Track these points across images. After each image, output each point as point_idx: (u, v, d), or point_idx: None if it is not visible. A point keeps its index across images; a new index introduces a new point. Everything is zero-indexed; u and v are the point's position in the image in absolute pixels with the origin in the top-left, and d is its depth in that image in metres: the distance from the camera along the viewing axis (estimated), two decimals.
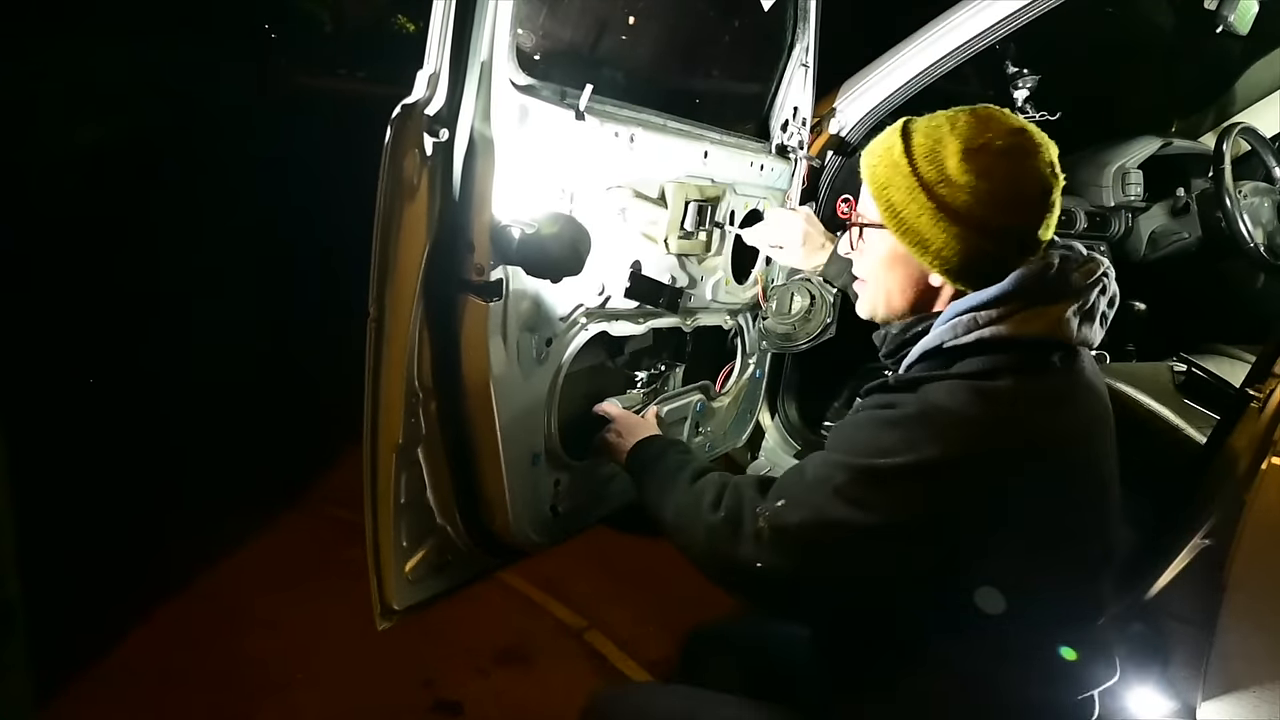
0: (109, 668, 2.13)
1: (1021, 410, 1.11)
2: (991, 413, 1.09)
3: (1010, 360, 1.12)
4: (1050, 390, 1.14)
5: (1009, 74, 2.62)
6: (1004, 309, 1.13)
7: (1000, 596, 1.11)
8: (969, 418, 1.09)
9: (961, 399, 1.09)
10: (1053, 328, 1.13)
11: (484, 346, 1.35)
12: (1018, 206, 1.14)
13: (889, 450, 1.09)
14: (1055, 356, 1.15)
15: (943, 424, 1.09)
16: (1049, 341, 1.14)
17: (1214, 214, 2.75)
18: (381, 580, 1.41)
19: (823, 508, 1.11)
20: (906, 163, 1.16)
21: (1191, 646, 1.69)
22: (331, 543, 2.62)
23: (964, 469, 1.08)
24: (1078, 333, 1.15)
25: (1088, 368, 1.21)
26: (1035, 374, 1.13)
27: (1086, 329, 1.17)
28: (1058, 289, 1.15)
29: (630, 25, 1.78)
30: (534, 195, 1.38)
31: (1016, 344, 1.13)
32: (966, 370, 1.13)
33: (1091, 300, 1.18)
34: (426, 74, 1.21)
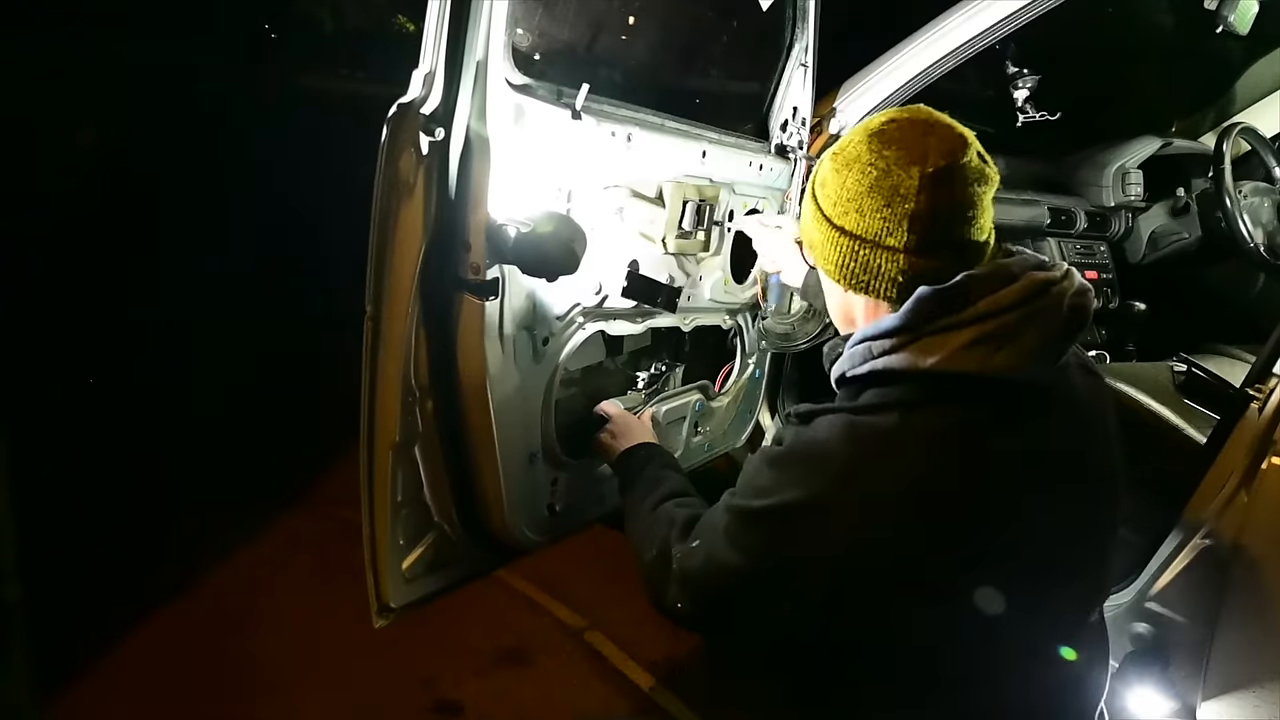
0: (109, 668, 2.14)
1: (903, 451, 1.01)
2: (861, 453, 1.02)
3: (906, 394, 1.03)
4: (952, 428, 1.02)
5: (1009, 74, 2.62)
6: (896, 339, 1.04)
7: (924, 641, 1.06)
8: (838, 458, 1.02)
9: (836, 436, 1.04)
10: (953, 359, 1.00)
11: (480, 345, 1.35)
12: (872, 202, 1.04)
13: (762, 490, 1.08)
14: (978, 389, 1.02)
15: (811, 464, 1.04)
16: (950, 376, 1.01)
17: (1214, 214, 2.75)
18: (378, 578, 1.41)
19: (713, 550, 1.14)
20: (817, 183, 1.14)
21: (1191, 646, 1.69)
22: (332, 542, 2.62)
23: (826, 512, 1.02)
24: (993, 360, 1.00)
25: (1033, 400, 1.05)
26: (937, 409, 1.02)
27: (1012, 356, 1.01)
28: (961, 310, 1.02)
29: (627, 24, 1.78)
30: (530, 194, 1.38)
31: (913, 376, 1.03)
32: (856, 405, 1.06)
33: (1013, 324, 1.01)
34: (422, 73, 1.21)
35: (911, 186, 1.02)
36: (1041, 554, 1.08)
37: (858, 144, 1.07)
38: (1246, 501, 1.57)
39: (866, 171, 1.04)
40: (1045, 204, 2.83)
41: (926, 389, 1.03)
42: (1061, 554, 1.11)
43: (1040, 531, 1.07)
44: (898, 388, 1.04)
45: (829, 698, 1.20)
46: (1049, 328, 1.04)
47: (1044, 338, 1.04)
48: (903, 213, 1.03)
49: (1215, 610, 1.61)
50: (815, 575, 1.06)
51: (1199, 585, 1.67)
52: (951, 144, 1.04)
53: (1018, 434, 1.05)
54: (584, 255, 1.39)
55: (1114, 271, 3.03)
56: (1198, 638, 1.67)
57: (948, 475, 1.01)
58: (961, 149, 1.04)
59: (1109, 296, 2.99)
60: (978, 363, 1.01)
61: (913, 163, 1.02)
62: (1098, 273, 2.98)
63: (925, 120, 1.07)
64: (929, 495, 1.01)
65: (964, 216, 1.04)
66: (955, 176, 1.03)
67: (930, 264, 1.04)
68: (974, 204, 1.05)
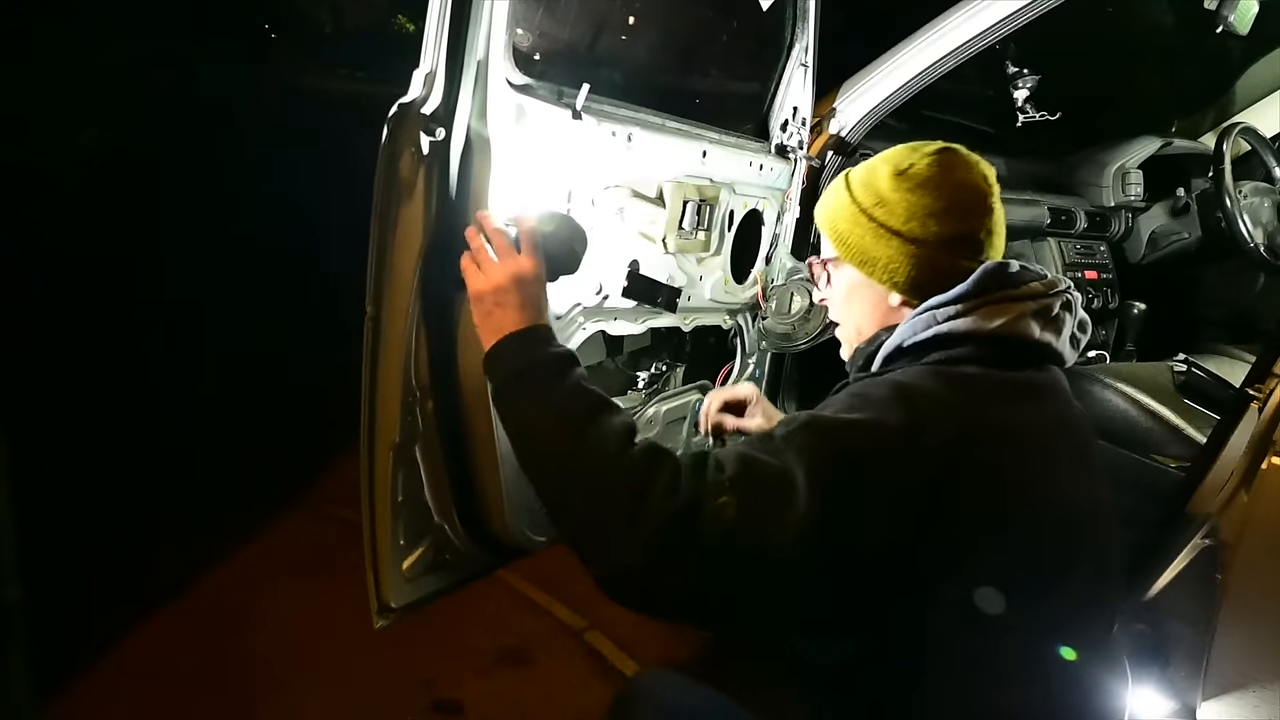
0: (109, 668, 2.13)
1: (987, 395, 1.10)
2: (959, 393, 1.08)
3: (972, 352, 1.13)
4: (1014, 383, 1.12)
5: (1009, 74, 2.62)
6: (962, 305, 1.15)
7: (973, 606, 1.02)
8: (939, 394, 1.07)
9: (930, 379, 1.09)
10: (1013, 324, 1.13)
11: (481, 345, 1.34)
12: (950, 214, 1.19)
13: (843, 409, 1.05)
14: (1022, 356, 1.15)
15: (913, 395, 1.05)
16: (1010, 339, 1.13)
17: (1214, 214, 2.75)
18: (379, 578, 1.41)
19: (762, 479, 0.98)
20: (848, 196, 1.26)
21: (1191, 646, 1.69)
22: (332, 542, 2.62)
23: (920, 431, 1.02)
24: (1040, 334, 1.15)
25: (1060, 383, 1.20)
26: (998, 367, 1.12)
27: (1050, 334, 1.16)
28: (1016, 287, 1.17)
29: (628, 24, 1.78)
30: (531, 194, 1.38)
31: (975, 338, 1.13)
32: (926, 359, 1.14)
33: (1054, 309, 1.18)
34: (423, 73, 1.21)
35: (985, 199, 1.21)
36: (1063, 526, 1.12)
37: (926, 166, 1.22)
38: (1246, 501, 1.57)
39: (943, 189, 1.20)
40: (1045, 204, 2.83)
41: (990, 350, 1.13)
42: (1079, 530, 1.15)
43: (1062, 504, 1.13)
44: (964, 348, 1.13)
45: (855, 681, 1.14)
46: (1074, 319, 1.21)
47: (1071, 327, 1.20)
48: (981, 222, 1.21)
49: (1215, 610, 1.61)
50: (883, 514, 0.98)
51: (1199, 585, 1.67)
52: (987, 168, 1.24)
53: (1063, 403, 1.19)
54: (584, 255, 1.39)
55: (1114, 271, 3.03)
56: (1198, 638, 1.67)
57: (1019, 421, 1.10)
58: (988, 167, 1.24)
59: (1109, 296, 2.99)
60: (1033, 332, 1.14)
61: (981, 182, 1.22)
62: (1098, 273, 2.97)
63: (962, 152, 1.25)
64: (1006, 436, 1.08)
65: (1004, 222, 1.25)
66: (998, 192, 1.24)
67: (982, 261, 1.20)
68: (999, 214, 1.24)
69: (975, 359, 1.12)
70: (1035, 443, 1.11)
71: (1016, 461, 1.08)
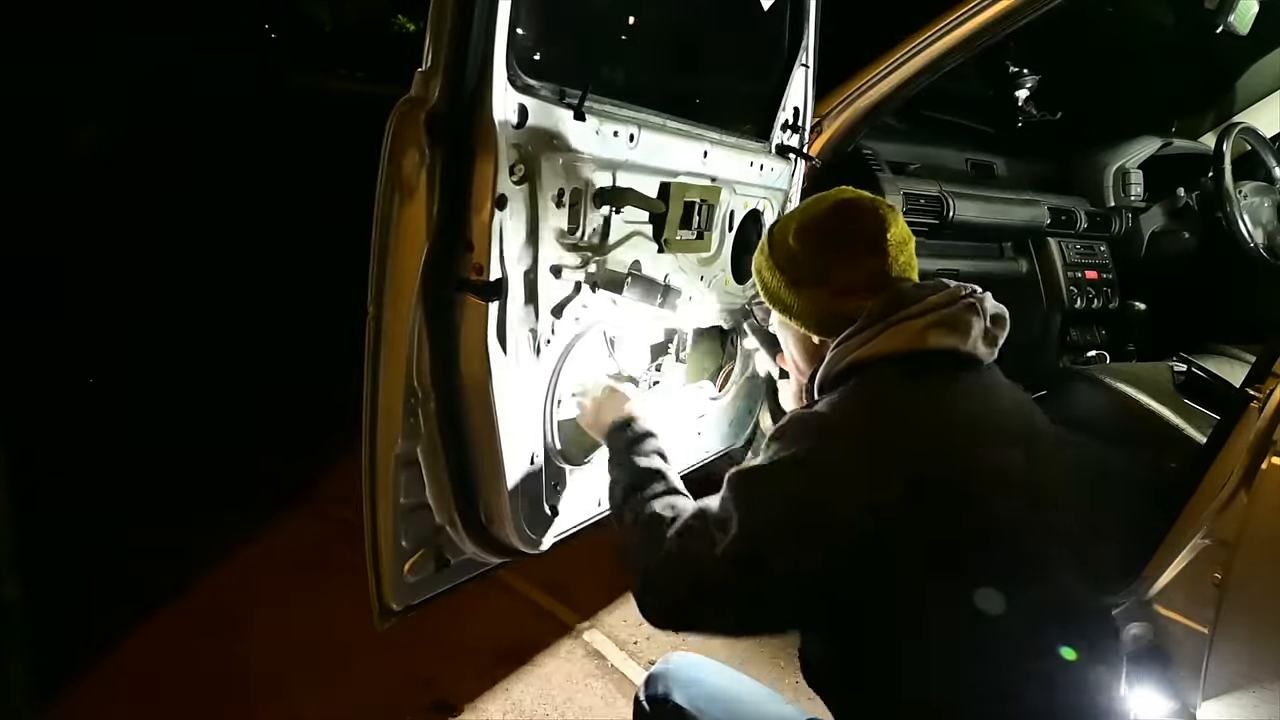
0: (109, 669, 2.13)
1: (901, 411, 1.19)
2: (868, 408, 1.20)
3: (888, 370, 1.24)
4: (925, 393, 1.22)
5: (1009, 74, 2.62)
6: (865, 334, 1.26)
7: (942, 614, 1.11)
8: (849, 413, 1.20)
9: (839, 406, 1.22)
10: (917, 339, 1.23)
11: (483, 346, 1.34)
12: (846, 259, 1.33)
13: (776, 450, 1.20)
14: (931, 364, 1.23)
15: (806, 428, 1.19)
16: (916, 353, 1.23)
17: (1214, 214, 2.75)
18: (380, 581, 1.41)
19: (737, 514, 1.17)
20: (768, 252, 1.41)
21: (1191, 646, 1.69)
22: (333, 543, 2.62)
23: (849, 452, 1.14)
24: (945, 341, 1.23)
25: (983, 380, 1.28)
26: (912, 379, 1.22)
27: (957, 339, 1.24)
28: (911, 306, 1.26)
29: (629, 25, 1.78)
30: (532, 194, 1.38)
31: (887, 359, 1.24)
32: (845, 387, 1.26)
33: (958, 316, 1.26)
34: (425, 73, 1.20)
35: (879, 241, 1.32)
36: (1025, 514, 1.19)
37: (823, 218, 1.36)
38: (1246, 501, 1.57)
39: (837, 238, 1.34)
40: (1045, 204, 2.83)
41: (898, 368, 1.23)
42: (1042, 518, 1.21)
43: (1021, 489, 1.19)
44: (878, 368, 1.24)
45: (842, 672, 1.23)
46: (983, 319, 1.28)
47: (982, 326, 1.27)
48: (876, 262, 1.32)
49: (1215, 610, 1.61)
50: (840, 523, 1.11)
51: (1199, 585, 1.67)
52: (885, 209, 1.35)
53: (978, 399, 1.26)
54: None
55: (1114, 271, 3.03)
56: (1198, 638, 1.67)
57: (938, 430, 1.18)
58: (886, 209, 1.35)
59: (1109, 296, 2.99)
60: (937, 341, 1.23)
61: (874, 225, 1.33)
62: (1098, 273, 2.98)
63: (859, 200, 1.37)
64: (927, 450, 1.15)
65: (911, 253, 1.36)
66: (897, 226, 1.34)
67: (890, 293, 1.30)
68: (909, 241, 1.35)
69: (889, 377, 1.23)
70: (956, 438, 1.19)
71: (938, 460, 1.15)
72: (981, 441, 1.19)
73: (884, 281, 1.31)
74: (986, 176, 2.86)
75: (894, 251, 1.32)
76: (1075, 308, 2.91)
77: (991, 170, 2.89)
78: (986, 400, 1.27)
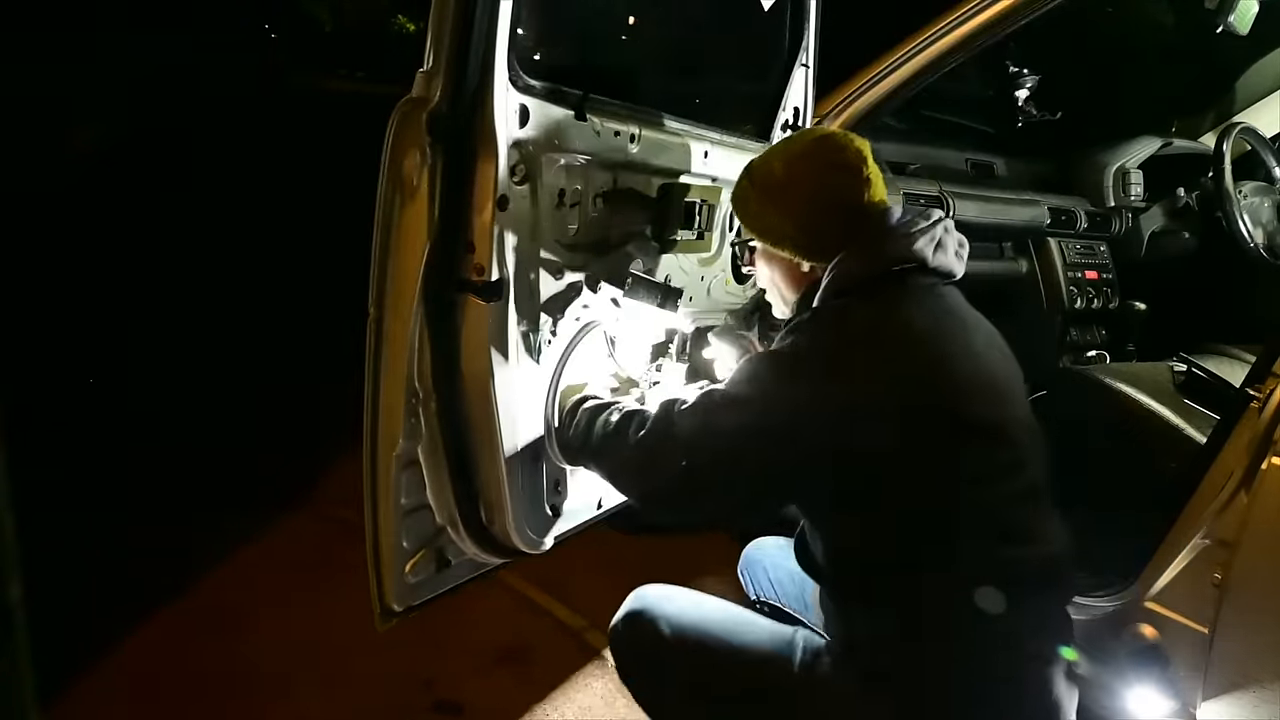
0: (110, 670, 2.13)
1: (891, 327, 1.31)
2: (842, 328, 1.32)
3: (872, 291, 1.34)
4: (918, 308, 1.33)
5: (1009, 74, 2.62)
6: (868, 251, 1.35)
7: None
8: (823, 336, 1.32)
9: (817, 323, 1.35)
10: (908, 254, 1.33)
11: (484, 347, 1.34)
12: (829, 184, 1.39)
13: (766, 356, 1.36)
14: (919, 281, 1.35)
15: (804, 340, 1.32)
16: (909, 260, 1.34)
17: (1214, 214, 2.75)
18: (381, 582, 1.41)
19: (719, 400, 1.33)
20: (749, 182, 1.46)
21: (1191, 646, 1.69)
22: (333, 543, 2.62)
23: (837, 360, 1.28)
24: (934, 255, 1.35)
25: (958, 297, 1.41)
26: (899, 296, 1.34)
27: (941, 255, 1.37)
28: (902, 225, 1.36)
29: (630, 25, 1.78)
30: (535, 195, 1.38)
31: (880, 277, 1.34)
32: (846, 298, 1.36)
33: (937, 233, 1.37)
34: (426, 73, 1.20)
35: (859, 168, 1.39)
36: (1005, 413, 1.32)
37: (805, 146, 1.44)
38: (1246, 501, 1.57)
39: (819, 164, 1.40)
40: (1045, 204, 2.83)
41: (890, 284, 1.34)
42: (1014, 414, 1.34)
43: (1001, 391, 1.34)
44: (868, 287, 1.35)
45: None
46: (953, 241, 1.40)
47: (954, 244, 1.40)
48: (858, 186, 1.39)
49: (1215, 610, 1.61)
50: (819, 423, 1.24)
51: (1199, 585, 1.67)
52: (857, 139, 1.42)
53: (960, 313, 1.38)
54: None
55: (1114, 271, 3.03)
56: (1198, 638, 1.67)
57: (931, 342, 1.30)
58: (862, 142, 1.41)
59: (1109, 296, 2.99)
60: (926, 254, 1.34)
61: (854, 156, 1.39)
62: (1098, 273, 2.98)
63: (837, 133, 1.45)
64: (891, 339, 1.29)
65: (883, 184, 1.43)
66: (872, 158, 1.41)
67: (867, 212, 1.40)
68: (875, 175, 1.41)
69: (880, 295, 1.33)
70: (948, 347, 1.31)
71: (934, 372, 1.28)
72: (971, 351, 1.33)
73: (869, 207, 1.39)
74: (986, 176, 2.86)
75: (874, 179, 1.40)
76: (1075, 308, 2.91)
77: (991, 170, 2.89)
78: (964, 314, 1.39)
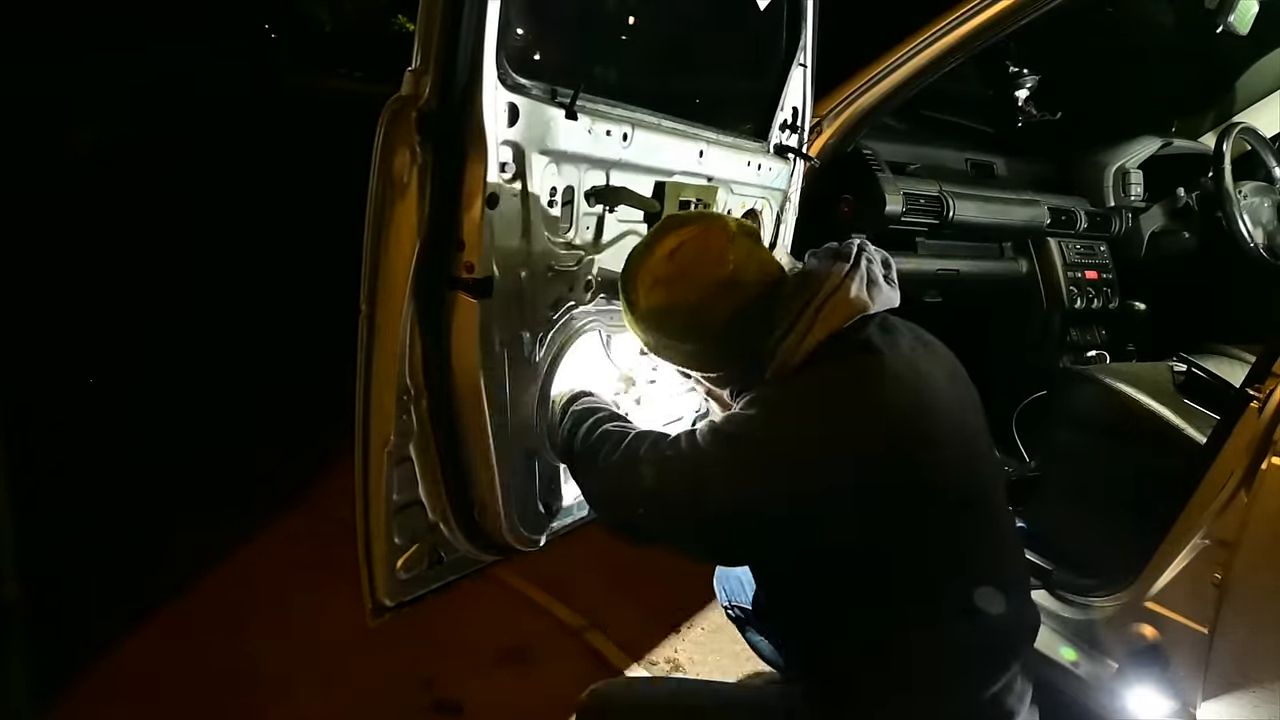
0: (109, 669, 2.13)
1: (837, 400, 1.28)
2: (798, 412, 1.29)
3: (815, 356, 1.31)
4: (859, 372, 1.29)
5: (1009, 74, 2.62)
6: (797, 329, 1.30)
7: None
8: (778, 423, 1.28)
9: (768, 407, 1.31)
10: (850, 310, 1.29)
11: (475, 344, 1.34)
12: (716, 293, 1.33)
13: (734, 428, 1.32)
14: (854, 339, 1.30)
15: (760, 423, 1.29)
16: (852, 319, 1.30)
17: (1214, 214, 2.74)
18: (373, 577, 1.41)
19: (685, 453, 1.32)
20: (635, 324, 1.43)
21: (1191, 646, 1.68)
22: (332, 542, 2.60)
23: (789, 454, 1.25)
24: (869, 295, 1.31)
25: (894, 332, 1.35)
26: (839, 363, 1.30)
27: (871, 294, 1.31)
28: (824, 283, 1.31)
29: (624, 23, 1.78)
30: (525, 194, 1.38)
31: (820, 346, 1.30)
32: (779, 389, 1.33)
33: (857, 271, 1.32)
34: (415, 71, 1.21)
35: (725, 273, 1.33)
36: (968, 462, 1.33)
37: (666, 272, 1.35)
38: (1246, 501, 1.57)
39: (691, 284, 1.34)
40: (1045, 204, 2.82)
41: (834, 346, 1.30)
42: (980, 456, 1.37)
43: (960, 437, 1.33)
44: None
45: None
46: (878, 265, 1.36)
47: (879, 270, 1.36)
48: (744, 285, 1.34)
49: (1215, 610, 1.60)
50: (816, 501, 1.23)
51: (1199, 585, 1.66)
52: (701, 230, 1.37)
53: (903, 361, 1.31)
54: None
55: (1114, 271, 3.03)
56: (1198, 638, 1.66)
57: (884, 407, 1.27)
58: (716, 237, 1.35)
59: (1109, 296, 2.98)
60: (865, 298, 1.30)
61: (716, 263, 1.34)
62: (1098, 273, 2.97)
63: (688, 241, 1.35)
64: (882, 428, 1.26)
65: (767, 273, 1.37)
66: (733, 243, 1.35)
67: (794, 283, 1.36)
68: (753, 256, 1.36)
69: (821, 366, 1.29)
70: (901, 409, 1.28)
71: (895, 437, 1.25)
72: (923, 408, 1.29)
73: (767, 286, 1.35)
74: (986, 176, 2.86)
75: (749, 261, 1.35)
76: (1075, 308, 2.91)
77: (991, 170, 2.88)
78: (915, 354, 1.33)
